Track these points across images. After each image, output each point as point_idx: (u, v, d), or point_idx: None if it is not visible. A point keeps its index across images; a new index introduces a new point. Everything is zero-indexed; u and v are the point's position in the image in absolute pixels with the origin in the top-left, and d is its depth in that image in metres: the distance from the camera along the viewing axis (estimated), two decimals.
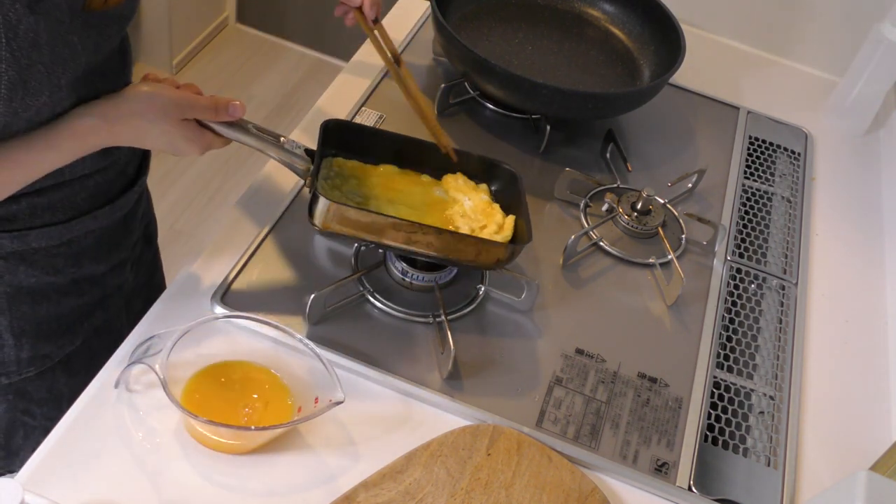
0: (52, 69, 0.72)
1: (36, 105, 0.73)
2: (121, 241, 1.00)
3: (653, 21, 1.30)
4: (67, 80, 0.75)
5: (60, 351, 0.99)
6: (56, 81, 0.73)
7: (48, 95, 0.73)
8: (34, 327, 0.94)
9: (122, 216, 0.97)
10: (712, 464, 0.89)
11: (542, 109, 1.17)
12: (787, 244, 1.16)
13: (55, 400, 1.02)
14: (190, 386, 0.81)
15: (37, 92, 0.72)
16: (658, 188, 1.14)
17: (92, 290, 0.99)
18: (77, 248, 0.93)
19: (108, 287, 1.02)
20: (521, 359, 0.94)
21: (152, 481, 0.78)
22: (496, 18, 1.33)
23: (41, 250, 0.89)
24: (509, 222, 0.96)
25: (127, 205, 0.97)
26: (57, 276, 0.93)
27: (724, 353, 1.00)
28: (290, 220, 1.02)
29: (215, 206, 2.30)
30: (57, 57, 0.72)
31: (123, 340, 0.88)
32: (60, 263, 0.92)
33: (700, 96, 1.38)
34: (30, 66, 0.70)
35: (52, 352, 0.98)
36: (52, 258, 0.91)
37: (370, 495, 0.79)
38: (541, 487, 0.82)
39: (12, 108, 0.71)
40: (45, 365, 0.98)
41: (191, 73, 2.66)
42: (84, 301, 0.99)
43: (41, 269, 0.91)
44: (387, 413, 0.88)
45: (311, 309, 0.91)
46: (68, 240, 0.91)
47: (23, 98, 0.71)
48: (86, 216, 0.91)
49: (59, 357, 0.99)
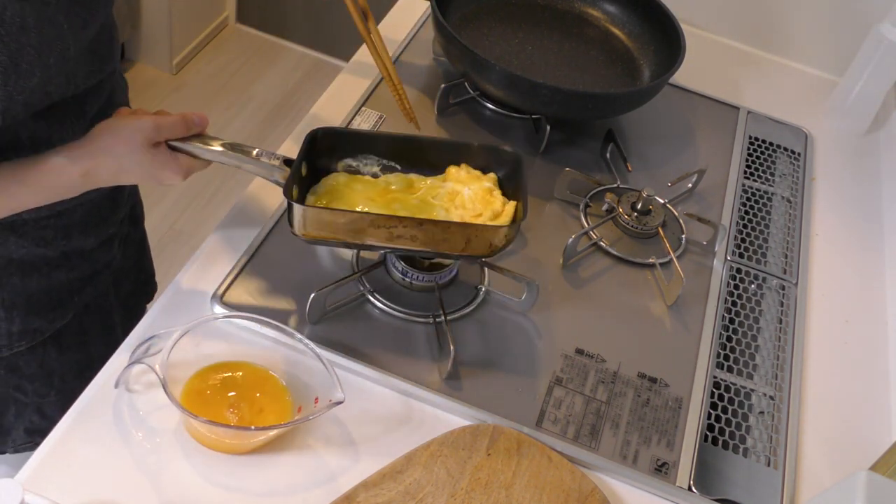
0: (40, 50, 0.73)
1: (29, 86, 0.74)
2: (108, 215, 1.01)
3: (653, 21, 1.30)
4: (56, 60, 0.76)
5: (51, 325, 0.99)
6: (45, 61, 0.74)
7: (38, 76, 0.74)
8: (25, 300, 0.95)
9: (109, 189, 0.98)
10: (712, 464, 0.89)
11: (542, 109, 1.17)
12: (787, 244, 1.16)
13: (46, 376, 1.03)
14: (190, 386, 0.81)
15: (28, 74, 0.73)
16: (658, 188, 1.14)
17: (81, 265, 0.99)
18: (66, 221, 0.93)
19: (97, 263, 1.02)
20: (521, 359, 0.94)
21: (152, 481, 0.78)
22: (496, 18, 1.33)
23: (31, 221, 0.90)
24: (509, 209, 0.92)
25: None
26: (47, 248, 0.93)
27: (724, 353, 1.00)
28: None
29: (215, 206, 2.30)
30: (44, 38, 0.73)
31: (112, 320, 0.88)
32: (50, 235, 0.93)
33: (700, 96, 1.38)
34: (19, 49, 0.71)
35: (43, 326, 0.99)
36: (42, 230, 0.91)
37: (370, 495, 0.79)
38: (541, 487, 0.82)
39: (7, 92, 0.72)
40: (35, 339, 0.99)
41: (191, 73, 2.66)
42: (74, 275, 0.99)
43: (31, 240, 0.91)
44: (387, 413, 0.88)
45: (311, 309, 0.91)
46: (58, 211, 0.91)
47: (16, 81, 0.72)
48: None
49: (49, 332, 1.00)
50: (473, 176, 0.96)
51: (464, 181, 0.96)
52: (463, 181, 0.96)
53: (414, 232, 0.85)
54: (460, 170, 0.97)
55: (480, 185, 0.95)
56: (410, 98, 1.12)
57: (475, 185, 0.95)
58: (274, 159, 0.89)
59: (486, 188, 0.95)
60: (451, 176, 0.97)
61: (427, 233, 0.85)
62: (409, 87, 1.25)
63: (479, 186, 0.95)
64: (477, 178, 0.96)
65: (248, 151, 0.89)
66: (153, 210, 2.21)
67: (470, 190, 0.95)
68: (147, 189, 1.09)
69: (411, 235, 0.85)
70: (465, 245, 0.86)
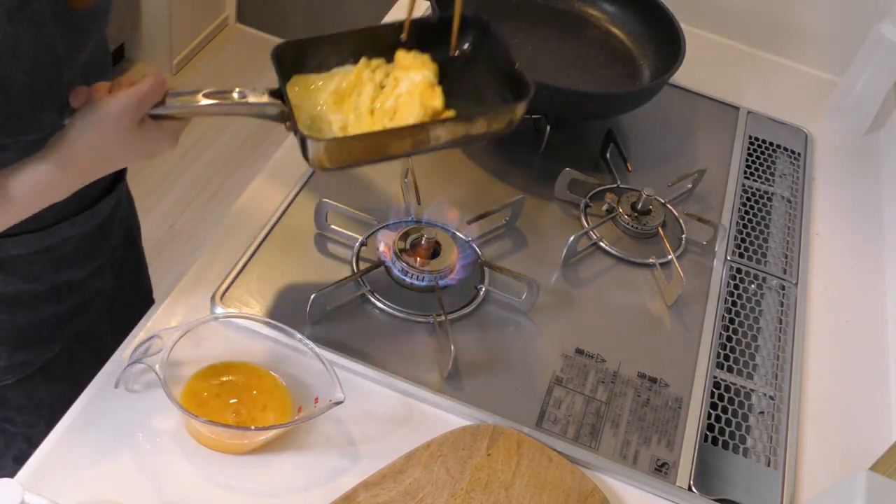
0: (33, 76, 0.70)
1: (19, 112, 0.70)
2: (98, 246, 0.98)
3: (653, 21, 1.30)
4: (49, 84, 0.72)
5: (39, 358, 0.98)
6: (38, 87, 0.71)
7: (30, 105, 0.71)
8: (12, 335, 0.93)
9: (100, 220, 0.95)
10: (712, 464, 0.89)
11: (542, 109, 1.17)
12: (787, 244, 1.16)
13: (35, 407, 1.01)
14: (190, 386, 0.81)
15: (19, 99, 0.69)
16: (658, 188, 1.14)
17: (71, 297, 0.97)
18: (55, 255, 0.91)
19: (88, 293, 1.00)
20: (521, 359, 0.94)
21: (152, 481, 0.78)
22: (496, 18, 1.31)
23: (19, 258, 0.88)
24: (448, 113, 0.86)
25: (105, 210, 0.95)
26: (35, 283, 0.91)
27: (724, 353, 1.00)
28: (290, 220, 1.02)
29: (215, 206, 2.30)
30: (39, 62, 0.70)
31: (106, 346, 0.87)
32: (38, 271, 0.91)
33: (700, 96, 1.38)
34: (10, 76, 0.68)
35: (31, 359, 0.97)
36: (30, 265, 0.90)
37: (370, 495, 0.79)
38: (541, 487, 0.82)
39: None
40: (24, 373, 0.97)
41: (191, 73, 2.66)
42: (63, 308, 0.97)
43: (19, 276, 0.89)
44: (387, 413, 0.88)
45: (311, 309, 0.91)
46: (46, 247, 0.89)
47: (5, 107, 0.69)
48: (64, 223, 0.89)
49: (37, 364, 0.98)
50: (419, 61, 0.89)
51: (408, 68, 0.88)
52: (407, 68, 0.88)
53: (439, 132, 0.82)
54: (407, 55, 0.89)
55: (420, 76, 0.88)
56: None
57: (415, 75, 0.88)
58: (258, 94, 0.81)
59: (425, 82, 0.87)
60: (399, 62, 0.89)
61: (452, 130, 0.82)
62: None
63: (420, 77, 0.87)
64: (421, 64, 0.89)
65: (230, 96, 0.80)
66: (153, 210, 2.21)
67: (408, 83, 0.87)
68: (147, 189, 1.09)
69: (436, 136, 0.82)
70: (486, 129, 0.83)
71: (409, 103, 0.86)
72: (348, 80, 0.89)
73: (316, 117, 0.87)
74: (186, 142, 2.38)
